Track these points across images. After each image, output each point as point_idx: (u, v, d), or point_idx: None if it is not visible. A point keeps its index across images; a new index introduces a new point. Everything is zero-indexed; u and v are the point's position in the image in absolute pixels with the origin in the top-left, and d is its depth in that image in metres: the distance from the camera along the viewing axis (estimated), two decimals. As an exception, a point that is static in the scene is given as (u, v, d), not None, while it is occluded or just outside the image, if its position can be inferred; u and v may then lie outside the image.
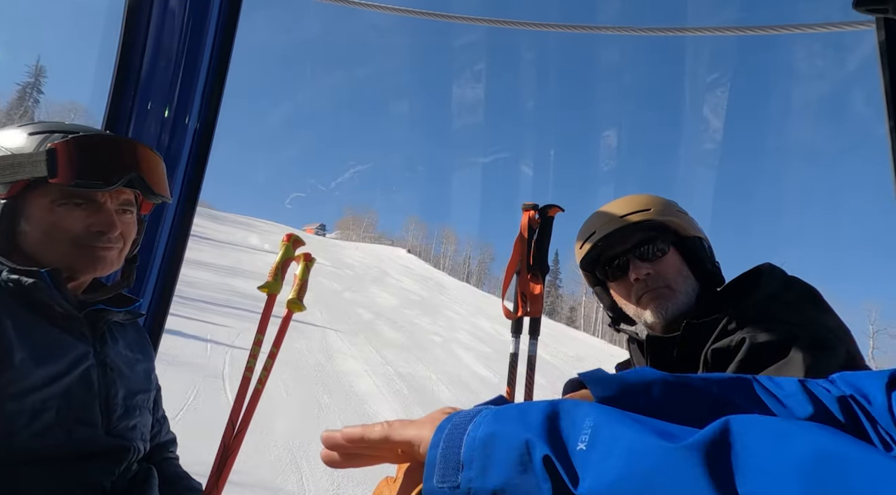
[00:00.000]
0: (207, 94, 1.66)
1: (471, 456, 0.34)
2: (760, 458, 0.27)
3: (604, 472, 0.30)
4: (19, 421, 0.86)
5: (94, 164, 0.98)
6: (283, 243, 1.52)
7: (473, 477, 0.34)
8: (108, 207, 1.02)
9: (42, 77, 37.79)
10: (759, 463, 0.27)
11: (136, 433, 1.04)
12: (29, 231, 0.98)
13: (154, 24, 1.57)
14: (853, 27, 1.50)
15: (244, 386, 1.39)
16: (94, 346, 1.01)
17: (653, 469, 0.29)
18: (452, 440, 0.36)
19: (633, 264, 1.19)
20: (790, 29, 1.66)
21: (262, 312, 1.47)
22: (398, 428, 0.41)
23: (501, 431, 0.35)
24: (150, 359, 1.19)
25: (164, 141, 1.61)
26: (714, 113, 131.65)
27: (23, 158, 0.96)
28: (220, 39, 1.66)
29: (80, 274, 1.02)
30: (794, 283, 1.12)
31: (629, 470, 0.30)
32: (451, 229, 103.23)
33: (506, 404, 0.41)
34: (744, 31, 1.76)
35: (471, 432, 0.36)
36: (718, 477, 0.27)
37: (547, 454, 0.32)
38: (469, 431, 0.36)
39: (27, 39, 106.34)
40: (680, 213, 1.25)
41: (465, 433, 0.36)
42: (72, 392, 0.93)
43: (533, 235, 1.52)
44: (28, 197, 0.97)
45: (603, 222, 1.24)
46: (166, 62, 1.60)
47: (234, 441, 1.34)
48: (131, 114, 1.56)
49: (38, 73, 36.60)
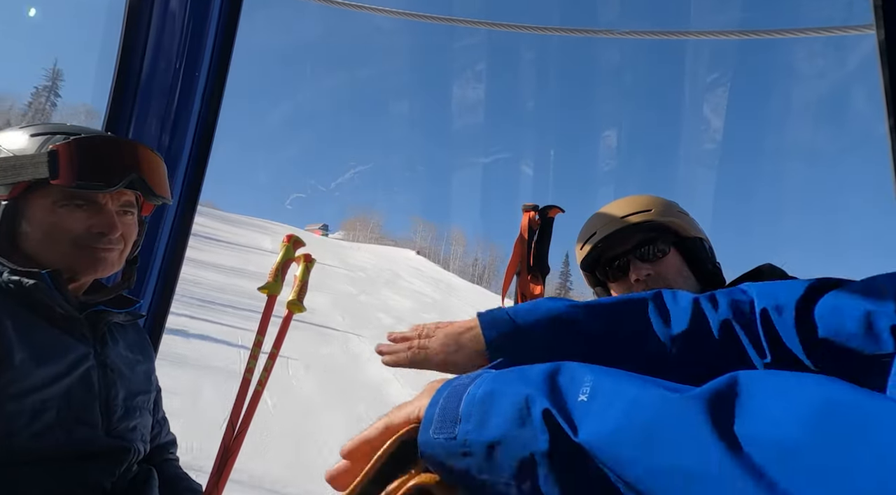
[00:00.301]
0: (208, 94, 1.66)
1: (469, 410, 0.34)
2: (765, 405, 0.27)
3: (605, 420, 0.30)
4: (19, 421, 0.86)
5: (96, 166, 0.98)
6: (284, 244, 1.52)
7: (471, 429, 0.34)
8: (109, 209, 1.02)
9: (59, 80, 37.96)
10: (763, 410, 0.27)
11: (136, 434, 1.04)
12: (30, 232, 0.98)
13: (154, 24, 1.58)
14: (854, 31, 1.50)
15: (244, 387, 1.39)
16: (95, 347, 1.01)
17: (654, 416, 0.29)
18: (451, 399, 0.36)
19: (634, 265, 1.19)
20: (792, 33, 1.66)
21: (262, 313, 1.47)
22: (395, 412, 0.41)
23: (501, 388, 0.35)
24: (151, 360, 1.19)
25: (165, 141, 1.61)
26: (714, 112, 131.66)
27: (24, 160, 0.96)
28: (220, 40, 1.66)
29: (81, 275, 1.02)
30: None
31: (630, 418, 0.30)
32: (458, 230, 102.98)
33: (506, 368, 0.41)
34: (745, 34, 1.76)
35: (471, 391, 0.36)
36: (720, 422, 0.27)
37: (546, 407, 0.32)
38: (469, 390, 0.36)
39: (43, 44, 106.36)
40: (681, 214, 1.25)
41: (465, 392, 0.36)
42: (72, 393, 0.93)
43: (533, 236, 1.52)
44: (29, 198, 0.98)
45: (603, 223, 1.24)
46: (167, 63, 1.60)
47: (234, 442, 1.34)
48: (132, 115, 1.56)
49: (56, 77, 36.70)
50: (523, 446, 0.32)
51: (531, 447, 0.32)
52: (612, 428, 0.30)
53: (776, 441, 0.26)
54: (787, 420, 0.26)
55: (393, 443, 0.37)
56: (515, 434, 0.32)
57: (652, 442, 0.28)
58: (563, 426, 0.31)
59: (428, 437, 0.35)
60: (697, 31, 1.96)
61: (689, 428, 0.28)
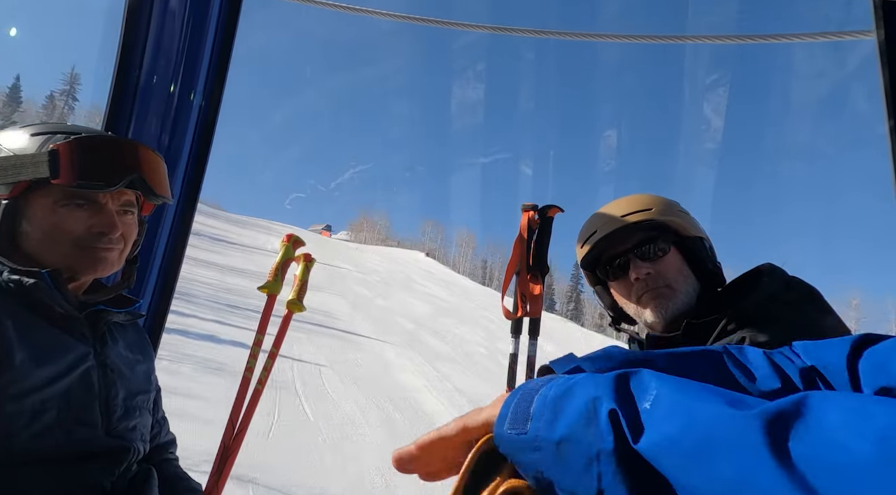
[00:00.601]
0: (207, 93, 1.66)
1: (541, 410, 0.36)
2: (829, 426, 0.27)
3: (664, 428, 0.31)
4: (19, 421, 0.86)
5: (96, 165, 0.98)
6: (283, 244, 1.52)
7: (541, 426, 0.35)
8: (110, 208, 1.02)
9: (77, 84, 37.99)
10: (825, 430, 0.27)
11: (135, 434, 1.04)
12: (30, 232, 0.98)
13: (154, 23, 1.57)
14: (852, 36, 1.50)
15: (244, 386, 1.39)
16: (95, 347, 1.01)
17: (712, 429, 0.29)
18: (524, 399, 0.38)
19: (634, 264, 1.19)
20: (790, 38, 1.66)
21: (261, 312, 1.47)
22: (472, 415, 0.42)
23: (572, 390, 0.36)
24: (151, 360, 1.19)
25: (165, 141, 1.61)
26: (715, 112, 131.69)
27: (25, 159, 0.96)
28: (220, 39, 1.66)
29: (81, 274, 1.02)
30: (794, 284, 1.12)
31: (687, 430, 0.30)
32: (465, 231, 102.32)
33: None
34: (742, 39, 1.76)
35: (543, 391, 0.38)
36: (775, 439, 0.27)
37: (613, 408, 0.33)
38: (541, 391, 0.38)
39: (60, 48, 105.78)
40: (681, 213, 1.25)
41: (537, 393, 0.38)
42: (72, 393, 0.93)
43: (532, 236, 1.52)
44: (30, 198, 0.97)
45: (604, 222, 1.24)
46: (166, 62, 1.60)
47: (233, 441, 1.34)
48: (132, 114, 1.56)
49: (73, 81, 36.71)
50: (589, 445, 0.33)
51: (597, 446, 0.33)
52: (668, 439, 0.30)
53: (833, 461, 0.25)
54: (850, 441, 0.25)
55: (474, 456, 0.39)
56: (583, 432, 0.34)
57: (706, 453, 0.29)
58: (626, 429, 0.32)
59: (501, 431, 0.37)
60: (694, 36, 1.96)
61: (742, 442, 0.28)
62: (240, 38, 1.71)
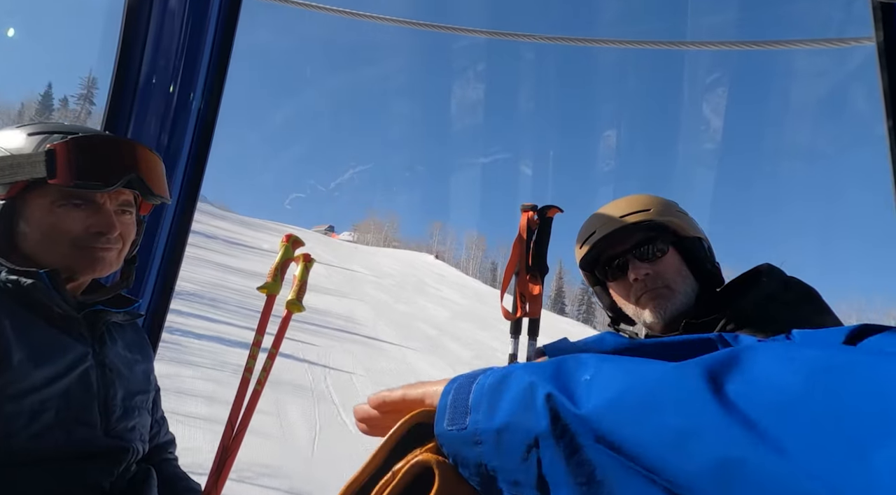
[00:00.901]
0: (207, 93, 1.66)
1: (478, 400, 0.36)
2: (763, 368, 0.28)
3: (606, 392, 0.31)
4: (18, 422, 0.86)
5: (94, 165, 0.97)
6: (283, 244, 1.52)
7: (480, 419, 0.35)
8: (108, 208, 1.01)
9: (94, 89, 37.81)
10: (760, 372, 0.28)
11: (134, 434, 1.04)
12: (28, 232, 0.97)
13: (154, 23, 1.57)
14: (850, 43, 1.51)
15: (243, 386, 1.39)
16: (93, 347, 1.00)
17: (654, 384, 0.30)
18: (462, 389, 0.38)
19: (633, 264, 1.19)
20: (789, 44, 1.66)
21: (261, 313, 1.47)
22: (413, 387, 0.44)
23: (509, 377, 0.36)
24: (150, 360, 1.19)
25: (164, 140, 1.61)
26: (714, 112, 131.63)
27: (22, 159, 0.96)
28: (219, 38, 1.66)
29: (79, 275, 1.02)
30: (792, 284, 1.12)
31: (632, 387, 0.31)
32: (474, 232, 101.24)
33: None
34: (742, 45, 1.76)
35: (480, 380, 0.38)
36: (716, 383, 0.28)
37: (549, 391, 0.33)
38: (478, 380, 0.38)
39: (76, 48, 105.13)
40: (680, 214, 1.25)
41: (474, 382, 0.38)
42: (70, 393, 0.93)
43: (532, 236, 1.52)
44: (27, 198, 0.97)
45: (602, 222, 1.24)
46: (166, 61, 1.60)
47: (233, 442, 1.34)
48: (131, 113, 1.56)
49: (91, 85, 36.61)
50: (527, 430, 0.33)
51: (535, 430, 0.33)
52: (614, 397, 0.31)
53: (770, 397, 0.27)
54: (783, 378, 0.27)
55: (403, 425, 0.39)
56: (520, 419, 0.33)
57: (650, 406, 0.29)
58: (566, 403, 0.32)
59: (442, 429, 0.37)
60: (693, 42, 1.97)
61: (685, 390, 0.29)
62: (240, 37, 1.71)
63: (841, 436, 0.24)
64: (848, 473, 0.23)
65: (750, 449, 0.26)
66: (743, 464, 0.26)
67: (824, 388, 0.25)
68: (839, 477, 0.23)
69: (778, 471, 0.25)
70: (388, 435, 0.39)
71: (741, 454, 0.26)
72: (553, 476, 0.32)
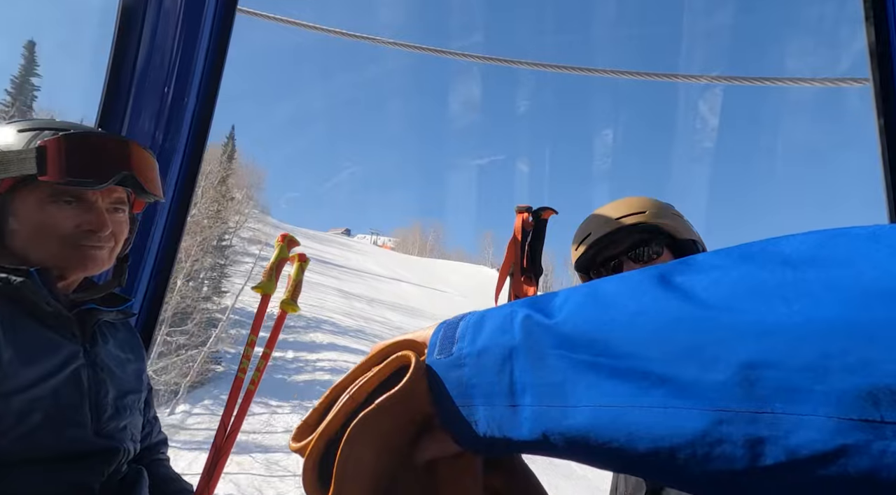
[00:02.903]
0: (202, 91, 1.65)
1: (464, 332, 0.39)
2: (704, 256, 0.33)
3: (573, 302, 0.35)
4: (6, 422, 0.85)
5: (85, 162, 0.96)
6: (278, 243, 1.51)
7: (464, 346, 0.38)
8: (99, 206, 1.00)
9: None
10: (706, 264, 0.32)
11: (126, 434, 1.03)
12: (18, 229, 0.96)
13: (149, 20, 1.57)
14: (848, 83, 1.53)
15: (236, 387, 1.38)
16: (85, 346, 0.99)
17: (615, 286, 0.34)
18: (451, 325, 0.41)
19: (627, 266, 1.19)
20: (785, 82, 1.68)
21: (255, 313, 1.46)
22: (410, 334, 0.46)
23: (491, 311, 0.40)
24: (142, 360, 1.18)
25: (159, 139, 1.60)
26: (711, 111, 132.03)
27: (12, 155, 0.95)
28: (215, 36, 1.65)
29: (70, 273, 1.01)
30: None
31: (594, 292, 0.35)
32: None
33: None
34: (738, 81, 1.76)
35: (467, 318, 0.41)
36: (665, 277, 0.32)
37: (527, 313, 0.37)
38: (465, 318, 0.41)
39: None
40: (675, 216, 1.25)
41: (462, 319, 0.41)
42: (61, 392, 0.92)
43: (526, 238, 1.52)
44: (17, 195, 0.96)
45: (597, 224, 1.24)
46: (161, 59, 1.59)
47: (225, 442, 1.33)
48: (125, 111, 1.55)
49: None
50: (503, 346, 0.36)
51: (509, 345, 0.36)
52: (579, 304, 0.35)
53: (705, 276, 0.31)
54: (716, 261, 0.31)
55: (391, 364, 0.40)
56: (498, 339, 0.37)
57: (608, 304, 0.33)
58: (539, 318, 0.36)
59: (432, 359, 0.40)
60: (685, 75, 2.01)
61: (638, 284, 0.33)
62: (236, 36, 1.70)
63: (753, 289, 0.28)
64: (753, 308, 0.27)
65: (686, 311, 0.29)
66: (679, 323, 0.29)
67: (751, 262, 0.30)
68: (747, 310, 0.27)
69: (707, 318, 0.28)
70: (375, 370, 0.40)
71: (679, 315, 0.30)
72: (521, 383, 0.35)
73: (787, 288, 0.27)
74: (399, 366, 0.40)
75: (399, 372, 0.39)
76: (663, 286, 0.32)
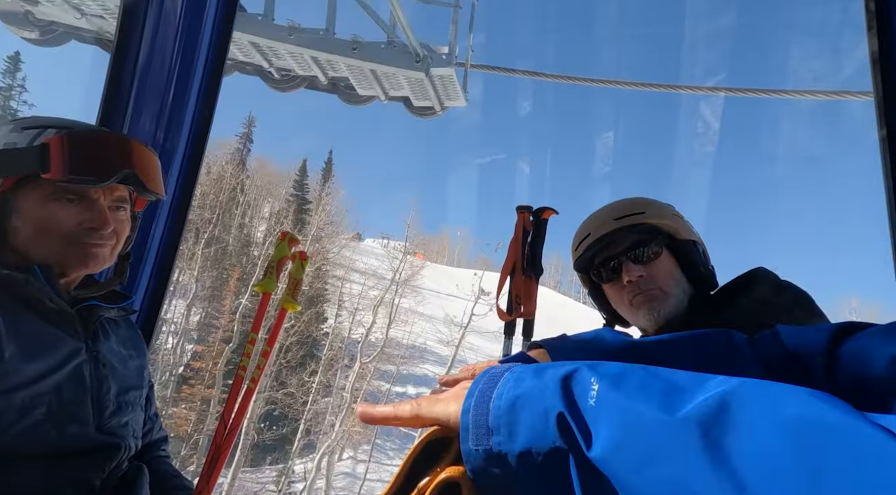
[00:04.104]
0: (203, 91, 1.65)
1: (498, 423, 0.39)
2: (753, 418, 0.30)
3: (609, 434, 0.34)
4: (8, 417, 0.85)
5: (88, 160, 0.97)
6: (279, 241, 1.51)
7: (502, 440, 0.38)
8: (101, 204, 1.01)
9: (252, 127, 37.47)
10: (751, 423, 0.30)
11: (127, 430, 1.03)
12: (20, 226, 0.97)
13: (150, 20, 1.57)
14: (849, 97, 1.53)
15: (237, 384, 1.39)
16: (87, 342, 1.00)
17: (653, 434, 0.33)
18: (480, 409, 0.40)
19: (626, 266, 1.19)
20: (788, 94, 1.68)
21: (256, 311, 1.47)
22: (426, 405, 0.46)
23: (522, 400, 0.39)
24: (143, 356, 1.18)
25: (160, 138, 1.61)
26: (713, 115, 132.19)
27: (15, 153, 0.95)
28: (216, 36, 1.66)
29: (72, 270, 1.01)
30: (786, 288, 1.12)
31: (632, 436, 0.33)
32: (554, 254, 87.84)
33: (528, 362, 0.46)
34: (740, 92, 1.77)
35: (495, 402, 0.40)
36: (710, 440, 0.30)
37: (561, 411, 0.36)
38: (494, 399, 0.40)
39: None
40: (674, 217, 1.25)
41: (490, 401, 0.40)
42: (63, 388, 0.92)
43: (527, 237, 1.52)
44: (20, 192, 0.97)
45: (597, 225, 1.24)
46: (162, 59, 1.59)
47: (225, 439, 1.33)
48: (126, 110, 1.55)
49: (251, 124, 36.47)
50: (546, 455, 0.36)
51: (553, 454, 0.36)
52: (615, 446, 0.34)
53: (758, 461, 0.28)
54: (772, 442, 0.29)
55: (420, 444, 0.42)
56: (540, 443, 0.37)
57: (648, 460, 0.32)
58: (578, 436, 0.35)
59: (468, 448, 0.40)
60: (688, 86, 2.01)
61: (680, 444, 0.31)
62: (236, 34, 1.70)
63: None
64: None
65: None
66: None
67: (809, 465, 0.27)
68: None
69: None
70: (408, 454, 0.42)
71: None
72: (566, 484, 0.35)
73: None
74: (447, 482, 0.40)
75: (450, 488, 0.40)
76: (706, 453, 0.30)
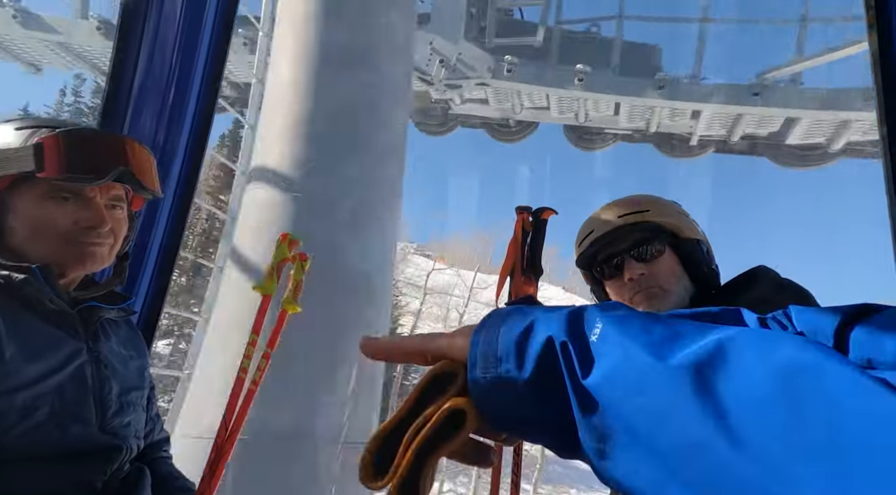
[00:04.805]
0: (203, 91, 1.66)
1: (507, 352, 0.41)
2: (746, 361, 0.31)
3: (605, 366, 0.36)
4: (10, 418, 0.85)
5: (82, 159, 0.97)
6: (279, 243, 1.51)
7: (511, 368, 0.40)
8: (98, 202, 1.00)
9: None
10: (743, 365, 0.31)
11: (129, 430, 1.03)
12: (16, 226, 0.97)
13: (151, 20, 1.57)
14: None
15: (238, 386, 1.39)
16: (87, 343, 1.00)
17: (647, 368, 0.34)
18: (490, 340, 0.42)
19: (629, 264, 1.19)
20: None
21: (257, 313, 1.46)
22: (432, 339, 0.47)
23: (532, 330, 0.41)
24: (144, 357, 1.18)
25: (160, 138, 1.61)
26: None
27: (9, 153, 0.95)
28: (216, 36, 1.66)
29: (70, 270, 1.01)
30: (787, 286, 1.12)
31: (625, 370, 0.35)
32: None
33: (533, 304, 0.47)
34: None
35: (504, 333, 0.42)
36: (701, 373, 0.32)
37: (564, 340, 0.38)
38: (503, 332, 0.42)
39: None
40: (679, 215, 1.25)
41: (499, 333, 0.42)
42: (65, 388, 0.92)
43: (526, 238, 1.52)
44: (15, 192, 0.96)
45: (600, 222, 1.24)
46: (162, 59, 1.59)
47: (226, 441, 1.33)
48: (126, 110, 1.55)
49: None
50: (551, 380, 0.38)
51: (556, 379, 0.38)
52: (608, 378, 0.35)
53: (743, 392, 0.30)
54: (757, 376, 0.30)
55: (427, 379, 0.44)
56: (545, 370, 0.39)
57: (639, 389, 0.34)
58: (576, 363, 0.37)
59: (476, 376, 0.42)
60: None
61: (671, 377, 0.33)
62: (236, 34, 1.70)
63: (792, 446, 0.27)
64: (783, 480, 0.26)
65: (715, 436, 0.29)
66: (706, 449, 0.29)
67: (791, 398, 0.28)
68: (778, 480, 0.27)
69: (732, 461, 0.28)
70: (415, 388, 0.44)
71: (707, 439, 0.29)
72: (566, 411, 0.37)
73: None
74: (452, 410, 0.42)
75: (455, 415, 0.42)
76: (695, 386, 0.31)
